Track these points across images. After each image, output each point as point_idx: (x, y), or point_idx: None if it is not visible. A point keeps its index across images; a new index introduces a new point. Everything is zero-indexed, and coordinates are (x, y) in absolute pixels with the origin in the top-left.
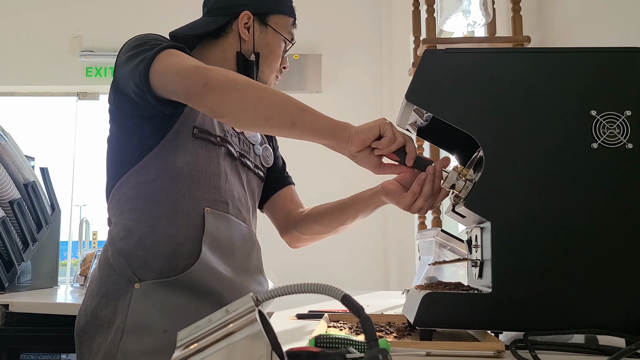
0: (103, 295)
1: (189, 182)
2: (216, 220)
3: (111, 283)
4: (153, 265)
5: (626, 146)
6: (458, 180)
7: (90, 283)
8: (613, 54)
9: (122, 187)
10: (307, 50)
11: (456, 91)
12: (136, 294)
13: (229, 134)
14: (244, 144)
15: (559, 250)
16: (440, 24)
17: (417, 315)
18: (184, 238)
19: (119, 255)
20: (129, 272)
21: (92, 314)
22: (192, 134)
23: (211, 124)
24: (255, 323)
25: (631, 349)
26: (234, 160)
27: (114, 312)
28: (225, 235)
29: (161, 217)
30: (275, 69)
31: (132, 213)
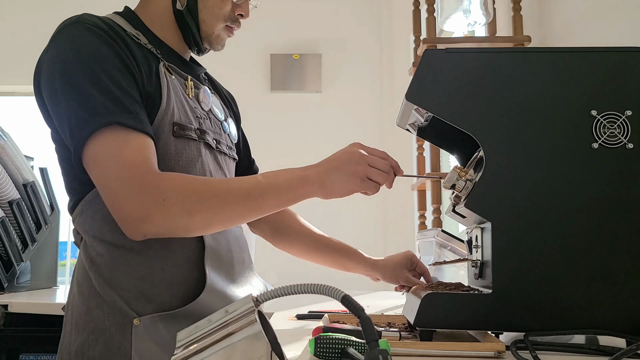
0: (91, 332)
1: None
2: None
3: (101, 317)
4: (151, 297)
5: (627, 146)
6: (458, 180)
7: (71, 312)
8: (613, 54)
9: (95, 202)
10: (307, 50)
11: (456, 91)
12: (137, 332)
13: (202, 119)
14: (215, 125)
15: (559, 251)
16: (440, 24)
17: (417, 315)
18: (181, 260)
19: (106, 286)
20: (124, 306)
21: (78, 353)
22: (173, 133)
23: (187, 116)
24: (255, 323)
25: (632, 349)
26: (213, 151)
27: (105, 353)
28: (223, 246)
29: (151, 239)
30: (221, 17)
31: (113, 234)
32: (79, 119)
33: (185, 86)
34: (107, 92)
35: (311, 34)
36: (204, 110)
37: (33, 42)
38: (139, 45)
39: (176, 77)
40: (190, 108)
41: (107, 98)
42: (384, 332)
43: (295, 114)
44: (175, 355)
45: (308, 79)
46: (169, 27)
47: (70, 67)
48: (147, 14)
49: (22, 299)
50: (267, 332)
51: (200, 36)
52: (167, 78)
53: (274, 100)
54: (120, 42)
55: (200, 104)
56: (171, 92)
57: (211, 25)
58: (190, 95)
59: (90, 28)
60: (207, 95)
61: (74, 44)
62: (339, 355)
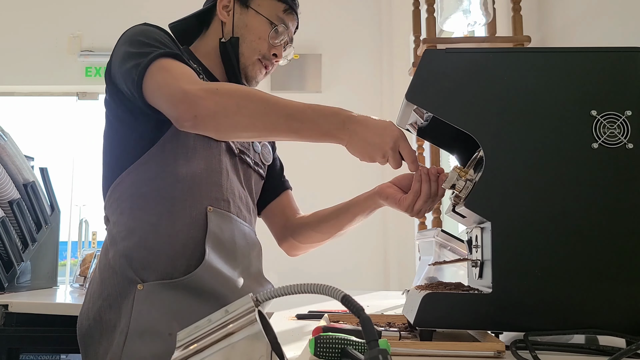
0: (105, 298)
1: (190, 180)
2: (219, 219)
3: (113, 285)
4: (155, 266)
5: (627, 146)
6: (458, 180)
7: (91, 285)
8: (613, 54)
9: (121, 185)
10: (307, 50)
11: (456, 91)
12: (139, 295)
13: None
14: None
15: (559, 251)
16: (440, 24)
17: (417, 315)
18: (187, 238)
19: (119, 256)
20: (131, 274)
21: (96, 318)
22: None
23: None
24: (255, 323)
25: (631, 349)
26: (234, 157)
27: (117, 315)
28: (227, 235)
29: (163, 217)
30: (257, 52)
31: (132, 212)
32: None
33: None
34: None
35: (311, 34)
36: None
37: (33, 42)
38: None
39: None
40: None
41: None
42: (384, 331)
43: None
44: (175, 355)
45: (308, 79)
46: (215, 61)
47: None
48: (199, 50)
49: (22, 298)
50: (267, 331)
51: (239, 68)
52: None
53: None
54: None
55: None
56: None
57: (248, 58)
58: None
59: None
60: None
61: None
62: (339, 355)
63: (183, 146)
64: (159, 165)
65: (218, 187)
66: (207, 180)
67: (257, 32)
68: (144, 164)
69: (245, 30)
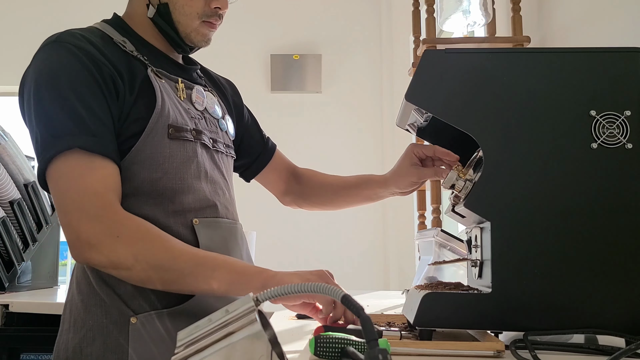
0: (89, 329)
1: (170, 194)
2: (207, 229)
3: (100, 315)
4: (147, 295)
5: (626, 146)
6: (458, 180)
7: (70, 310)
8: (613, 54)
9: None
10: (307, 50)
11: (456, 91)
12: (134, 329)
13: (197, 119)
14: (211, 123)
15: (558, 250)
16: (440, 24)
17: (417, 315)
18: None
19: (104, 284)
20: (121, 305)
21: (75, 351)
22: (168, 135)
23: (182, 116)
24: (255, 323)
25: (631, 349)
26: (209, 150)
27: (102, 350)
28: (219, 244)
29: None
30: (195, 15)
31: None
32: (43, 140)
33: (176, 89)
34: (74, 113)
35: (311, 34)
36: (198, 111)
37: (33, 42)
38: (125, 54)
39: (166, 81)
40: (184, 109)
41: (73, 120)
42: (385, 331)
43: (295, 114)
44: (176, 355)
45: (308, 80)
46: (151, 32)
47: (41, 87)
48: (132, 21)
49: (23, 298)
50: (267, 331)
51: (180, 37)
52: (158, 82)
53: (274, 100)
54: (99, 60)
55: (194, 104)
56: (164, 95)
57: (187, 25)
58: (182, 97)
59: (68, 47)
60: (201, 95)
61: (49, 63)
62: (339, 355)
63: (158, 155)
64: (133, 181)
65: (201, 194)
66: (189, 190)
67: None
68: None
69: None
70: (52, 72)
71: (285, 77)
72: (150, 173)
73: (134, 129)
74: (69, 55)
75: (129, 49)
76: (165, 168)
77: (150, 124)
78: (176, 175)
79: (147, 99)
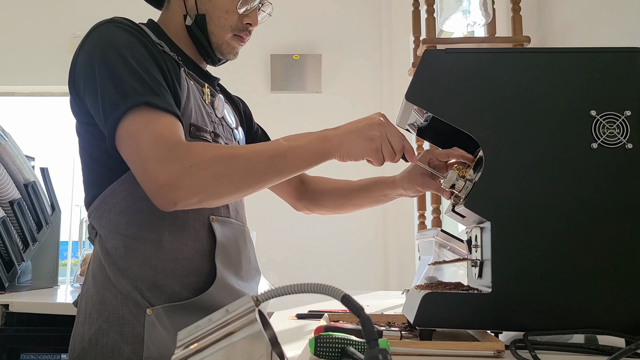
0: (105, 320)
1: None
2: (222, 228)
3: (116, 307)
4: (163, 287)
5: (626, 146)
6: (458, 180)
7: (85, 302)
8: (613, 54)
9: (112, 196)
10: (307, 50)
11: (456, 91)
12: (149, 321)
13: (216, 124)
14: (227, 131)
15: (558, 250)
16: (440, 24)
17: (417, 315)
18: (192, 253)
19: (121, 276)
20: (137, 296)
21: (92, 341)
22: (190, 133)
23: (202, 119)
24: (255, 323)
25: (631, 348)
26: None
27: (118, 341)
28: (232, 243)
29: (165, 232)
30: (228, 28)
31: (130, 227)
32: (112, 101)
33: (203, 92)
34: (138, 76)
35: (311, 34)
36: (218, 117)
37: (33, 42)
38: (163, 52)
39: (194, 84)
40: (206, 113)
41: (138, 82)
42: (385, 331)
43: (295, 114)
44: (176, 354)
45: (308, 79)
46: (185, 40)
47: (105, 55)
48: (167, 28)
49: (23, 298)
50: (267, 331)
51: (211, 48)
52: (187, 82)
53: (274, 100)
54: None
55: (215, 110)
56: (190, 95)
57: (220, 37)
58: (207, 102)
59: (122, 26)
60: (222, 104)
61: (109, 36)
62: (339, 355)
63: None
64: None
65: None
66: None
67: (224, 5)
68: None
69: (210, 5)
70: (113, 43)
71: (286, 77)
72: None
73: None
74: (126, 32)
75: (166, 50)
76: None
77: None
78: None
79: (175, 96)
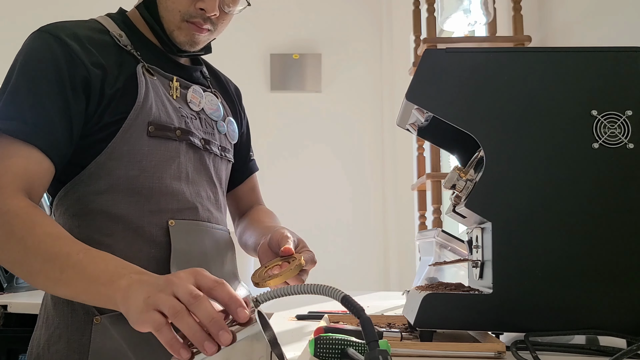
0: (57, 327)
1: (147, 192)
2: (184, 232)
3: (66, 314)
4: None
5: (627, 146)
6: (458, 181)
7: (45, 306)
8: (614, 53)
9: (66, 198)
10: (307, 50)
11: (456, 91)
12: (96, 330)
13: (188, 119)
14: (206, 124)
15: (559, 251)
16: (440, 24)
17: (417, 316)
18: (147, 259)
19: None
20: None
21: (45, 347)
22: (147, 133)
23: (167, 115)
24: (254, 324)
25: (632, 349)
26: (198, 152)
27: (66, 349)
28: (196, 248)
29: (117, 237)
30: (177, 12)
31: (82, 231)
32: None
33: (169, 87)
34: (19, 100)
35: (311, 34)
36: (194, 111)
37: None
38: (118, 48)
39: (158, 78)
40: (173, 108)
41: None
42: (386, 332)
43: (295, 114)
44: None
45: (308, 79)
46: (145, 28)
47: (10, 71)
48: (134, 17)
49: (21, 299)
50: (266, 332)
51: (166, 35)
52: (147, 79)
53: (273, 100)
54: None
55: (189, 104)
56: (150, 92)
57: (169, 22)
58: (175, 96)
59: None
60: (198, 95)
61: (25, 50)
62: (339, 356)
63: (136, 152)
64: (109, 177)
65: (180, 196)
66: (167, 190)
67: None
68: (91, 176)
69: None
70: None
71: (285, 77)
72: (127, 170)
73: (112, 125)
74: (44, 48)
75: (123, 43)
76: (143, 166)
77: (128, 120)
78: (154, 174)
79: (130, 95)
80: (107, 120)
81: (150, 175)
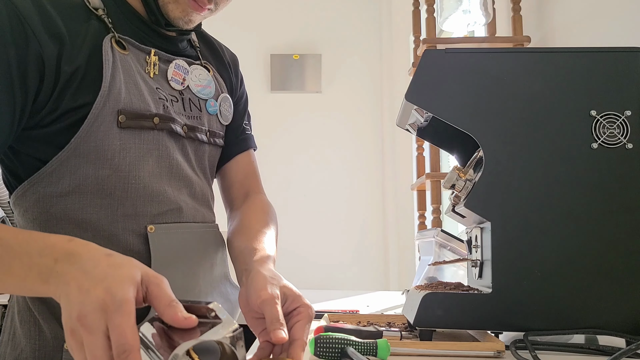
0: (23, 350)
1: (121, 194)
2: (166, 237)
3: (34, 337)
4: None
5: (626, 146)
6: (458, 180)
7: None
8: (613, 54)
9: (25, 198)
10: (307, 50)
11: (456, 91)
12: (68, 357)
13: (168, 102)
14: (192, 105)
15: (558, 251)
16: (440, 24)
17: (417, 315)
18: None
19: (38, 302)
20: (57, 327)
21: None
22: (118, 124)
23: (141, 99)
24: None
25: (631, 349)
26: (180, 140)
27: None
28: (181, 253)
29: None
30: None
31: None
32: None
33: (146, 62)
34: None
35: (311, 34)
36: (176, 90)
37: None
38: (86, 11)
39: (132, 52)
40: (149, 90)
41: None
42: (385, 331)
43: (295, 114)
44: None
45: (308, 79)
46: None
47: None
48: None
49: None
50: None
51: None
52: (115, 54)
53: (273, 100)
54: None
55: (169, 82)
56: (118, 72)
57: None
58: (152, 74)
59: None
60: (181, 71)
61: None
62: (338, 355)
63: (106, 149)
64: (74, 176)
65: (161, 196)
66: (144, 191)
67: None
68: (52, 174)
69: None
70: None
71: (285, 77)
72: (95, 169)
73: (73, 114)
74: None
75: (93, 5)
76: (116, 164)
77: (94, 109)
78: (129, 173)
79: (94, 76)
80: (67, 107)
81: (125, 175)
